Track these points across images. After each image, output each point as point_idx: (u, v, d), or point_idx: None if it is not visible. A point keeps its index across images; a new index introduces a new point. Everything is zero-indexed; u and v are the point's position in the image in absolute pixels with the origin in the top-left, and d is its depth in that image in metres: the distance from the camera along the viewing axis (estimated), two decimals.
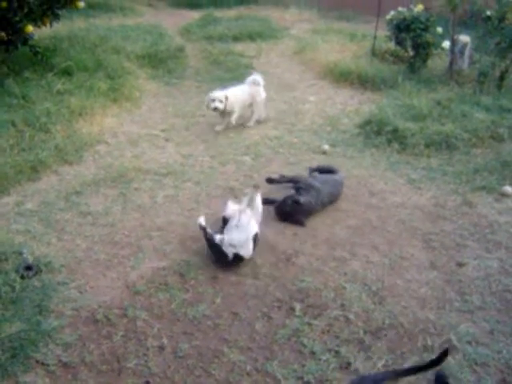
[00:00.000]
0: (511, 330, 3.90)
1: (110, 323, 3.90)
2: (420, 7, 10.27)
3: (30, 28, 8.12)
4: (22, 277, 4.27)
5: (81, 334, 3.79)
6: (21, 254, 4.54)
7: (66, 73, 8.69)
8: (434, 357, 3.46)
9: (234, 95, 7.80)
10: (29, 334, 3.73)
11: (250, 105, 8.12)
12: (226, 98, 7.58)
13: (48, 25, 8.82)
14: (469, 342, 3.77)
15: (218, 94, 7.61)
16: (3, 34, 8.22)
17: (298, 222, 5.28)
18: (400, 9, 10.54)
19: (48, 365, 3.51)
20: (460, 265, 4.69)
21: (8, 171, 5.95)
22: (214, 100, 7.54)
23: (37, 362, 3.54)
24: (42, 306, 4.01)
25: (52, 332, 3.77)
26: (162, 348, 3.68)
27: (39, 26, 8.73)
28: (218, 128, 7.80)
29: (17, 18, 7.81)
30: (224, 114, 7.78)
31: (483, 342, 3.79)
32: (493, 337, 3.84)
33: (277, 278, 4.44)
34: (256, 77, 8.18)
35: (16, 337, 3.69)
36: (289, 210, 5.35)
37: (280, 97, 9.56)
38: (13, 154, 6.29)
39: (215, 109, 7.57)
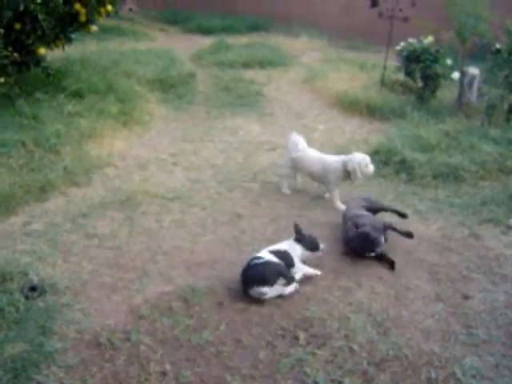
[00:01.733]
0: None
1: (113, 347, 3.88)
2: (430, 39, 10.34)
3: (42, 50, 8.21)
4: (27, 297, 4.28)
5: (83, 356, 3.78)
6: (26, 274, 4.55)
7: (77, 95, 8.75)
8: None
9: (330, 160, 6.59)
10: (31, 355, 3.72)
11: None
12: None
13: (60, 47, 8.91)
14: (473, 376, 3.74)
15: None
16: (16, 55, 8.30)
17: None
18: (410, 40, 10.61)
19: None
20: (466, 297, 4.67)
21: (16, 191, 5.98)
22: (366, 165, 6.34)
23: (38, 383, 3.53)
24: (45, 327, 4.01)
25: (55, 354, 3.76)
26: (164, 374, 3.66)
27: (52, 49, 8.82)
28: (285, 190, 6.72)
29: (30, 41, 7.89)
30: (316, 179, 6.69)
31: (488, 376, 3.75)
32: (498, 371, 3.81)
33: (281, 306, 4.42)
34: (295, 138, 6.88)
35: (18, 357, 3.68)
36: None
37: (289, 125, 9.58)
38: (22, 173, 6.33)
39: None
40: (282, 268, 4.51)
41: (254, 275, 4.42)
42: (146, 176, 6.96)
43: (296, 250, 4.84)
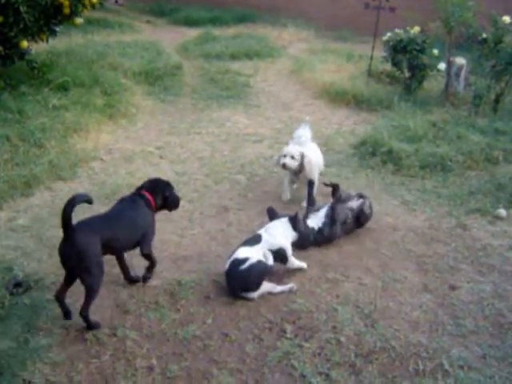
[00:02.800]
0: (504, 355, 3.88)
1: (99, 342, 3.85)
2: (416, 29, 10.35)
3: (24, 43, 8.08)
4: (12, 293, 4.24)
5: (69, 353, 3.74)
6: (11, 270, 4.51)
7: (63, 88, 8.68)
8: None
9: (314, 156, 6.29)
10: (17, 351, 3.69)
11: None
12: (303, 155, 6.06)
13: (45, 40, 8.81)
14: (461, 367, 3.74)
15: (292, 148, 6.12)
16: (0, 48, 8.22)
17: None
18: (397, 30, 10.61)
19: None
20: (453, 288, 4.67)
21: (1, 186, 5.93)
22: (285, 156, 6.03)
23: (24, 380, 3.49)
24: (30, 323, 3.97)
25: (40, 350, 3.73)
26: (150, 369, 3.64)
27: (36, 42, 8.72)
28: (284, 197, 6.32)
29: (12, 33, 7.79)
30: (296, 177, 6.29)
31: (475, 366, 3.76)
32: (485, 362, 3.81)
33: (268, 299, 4.41)
34: (304, 131, 6.61)
35: (4, 354, 3.65)
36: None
37: (276, 116, 9.59)
38: (6, 168, 6.26)
39: (283, 166, 6.05)
40: (264, 267, 4.44)
41: (239, 282, 4.37)
42: (132, 169, 6.92)
43: (289, 233, 4.80)
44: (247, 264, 4.34)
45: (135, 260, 4.65)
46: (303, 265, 4.82)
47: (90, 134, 7.72)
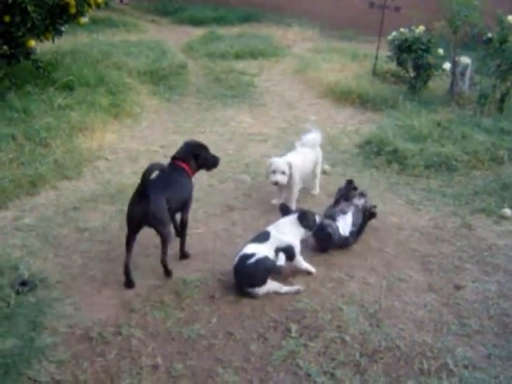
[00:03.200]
0: (509, 355, 3.87)
1: (104, 341, 3.86)
2: (421, 28, 10.33)
3: (31, 43, 8.13)
4: (17, 292, 4.25)
5: (74, 351, 3.75)
6: (17, 269, 4.52)
7: (68, 87, 8.70)
8: None
9: (297, 164, 6.07)
10: (22, 350, 3.70)
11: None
12: (290, 166, 5.91)
13: (51, 39, 8.84)
14: (466, 367, 3.74)
15: (280, 163, 5.91)
16: (6, 47, 8.25)
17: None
18: (402, 29, 10.59)
19: (40, 382, 3.48)
20: (458, 288, 4.67)
21: (7, 185, 5.93)
22: (274, 172, 5.86)
23: (29, 378, 3.50)
24: (36, 322, 3.98)
25: (45, 349, 3.74)
26: (155, 367, 3.65)
27: (42, 41, 8.75)
28: (275, 202, 6.09)
29: (19, 33, 7.82)
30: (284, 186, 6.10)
31: (480, 366, 3.76)
32: (490, 361, 3.81)
33: (273, 298, 4.41)
34: (316, 135, 6.53)
35: (9, 353, 3.66)
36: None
37: (281, 115, 9.59)
38: (12, 167, 6.28)
39: (276, 183, 5.91)
40: (271, 263, 4.46)
41: (245, 277, 4.39)
42: (137, 169, 6.90)
43: (298, 230, 4.80)
44: (254, 259, 4.37)
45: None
46: (311, 269, 4.80)
47: (95, 134, 7.73)
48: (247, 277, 4.37)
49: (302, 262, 4.75)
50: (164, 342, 3.88)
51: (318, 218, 4.97)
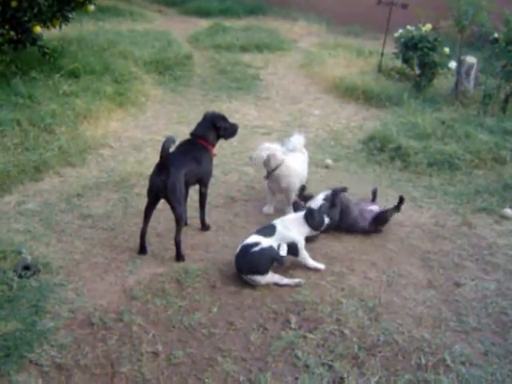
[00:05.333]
0: (506, 353, 3.90)
1: (106, 327, 3.90)
2: (428, 26, 10.33)
3: (38, 29, 8.14)
4: (20, 276, 4.27)
5: (76, 336, 3.79)
6: (20, 253, 4.55)
7: (73, 75, 8.71)
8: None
9: (295, 169, 5.79)
10: (24, 333, 3.73)
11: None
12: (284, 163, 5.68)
13: (57, 26, 8.84)
14: (463, 363, 3.77)
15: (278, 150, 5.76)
16: (12, 33, 8.26)
17: None
18: (408, 27, 10.59)
19: (42, 365, 3.50)
20: (457, 285, 4.70)
21: (11, 170, 5.97)
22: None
23: (31, 362, 3.53)
24: (38, 306, 4.01)
25: (47, 333, 3.77)
26: (156, 354, 3.68)
27: (48, 27, 8.75)
28: (267, 210, 5.86)
29: (26, 18, 7.82)
30: (274, 189, 5.84)
31: (477, 363, 3.79)
32: (487, 358, 3.84)
33: (274, 289, 4.45)
34: (299, 138, 6.22)
35: (11, 336, 3.68)
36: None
37: (285, 109, 9.60)
38: (16, 153, 6.31)
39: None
40: (275, 253, 4.49)
41: (249, 264, 4.42)
42: (141, 157, 6.96)
43: (304, 228, 4.81)
44: (259, 247, 4.42)
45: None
46: (319, 266, 4.79)
47: (99, 121, 7.75)
48: (251, 264, 4.40)
49: (308, 260, 4.75)
50: (165, 330, 3.91)
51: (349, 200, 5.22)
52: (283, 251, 4.55)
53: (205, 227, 5.35)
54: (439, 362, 3.76)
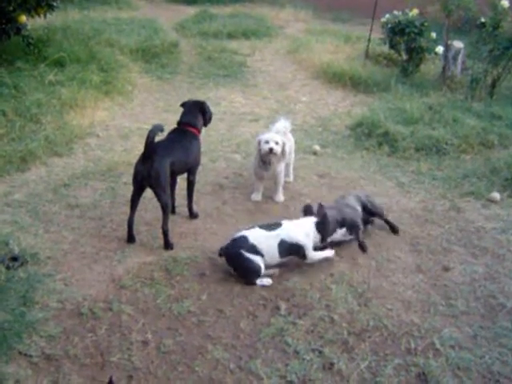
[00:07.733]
0: (494, 336, 3.92)
1: (95, 317, 3.88)
2: (415, 11, 10.31)
3: (23, 18, 8.05)
4: (8, 267, 4.25)
5: (65, 326, 3.77)
6: (7, 244, 4.53)
7: (59, 64, 8.64)
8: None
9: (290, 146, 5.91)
10: (12, 324, 3.71)
11: None
12: (284, 144, 5.67)
13: (42, 15, 8.75)
14: (452, 347, 3.78)
15: (273, 134, 5.70)
16: None
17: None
18: (395, 12, 10.58)
19: (31, 356, 3.49)
20: (446, 269, 4.71)
21: None
22: (268, 142, 5.55)
23: (20, 353, 3.51)
24: (26, 297, 3.99)
25: (36, 324, 3.75)
26: (145, 343, 3.67)
27: (33, 16, 8.65)
28: (256, 197, 5.85)
29: (10, 7, 7.73)
30: (263, 173, 5.82)
31: (466, 346, 3.80)
32: (476, 342, 3.86)
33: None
34: (285, 123, 6.09)
35: None
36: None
37: (272, 96, 9.59)
38: (2, 143, 6.27)
39: (270, 151, 5.53)
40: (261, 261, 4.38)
41: (239, 270, 4.39)
42: (128, 146, 6.92)
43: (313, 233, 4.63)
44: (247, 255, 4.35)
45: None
46: (329, 254, 4.68)
47: (86, 111, 7.71)
48: (240, 270, 4.38)
49: (317, 257, 4.62)
50: (154, 319, 3.90)
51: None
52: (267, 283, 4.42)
53: (193, 215, 5.33)
54: (428, 346, 3.77)
